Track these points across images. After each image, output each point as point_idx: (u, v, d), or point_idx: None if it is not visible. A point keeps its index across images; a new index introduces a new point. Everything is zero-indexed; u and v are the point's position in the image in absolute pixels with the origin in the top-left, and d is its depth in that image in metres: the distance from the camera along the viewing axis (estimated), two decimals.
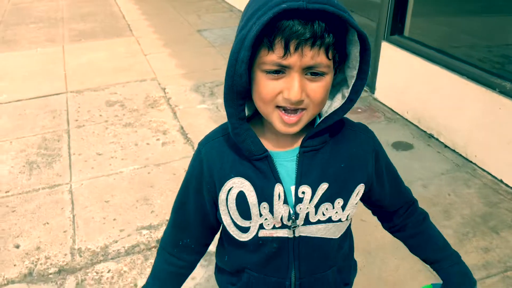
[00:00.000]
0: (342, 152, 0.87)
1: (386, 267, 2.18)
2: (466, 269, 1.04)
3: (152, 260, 2.24)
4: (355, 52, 0.79)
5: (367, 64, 0.80)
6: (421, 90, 3.25)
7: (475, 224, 2.43)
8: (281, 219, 0.87)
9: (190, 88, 3.91)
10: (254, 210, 0.87)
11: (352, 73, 0.82)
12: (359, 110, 3.64)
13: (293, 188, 0.86)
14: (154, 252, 2.31)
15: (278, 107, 0.78)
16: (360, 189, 0.89)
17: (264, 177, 0.85)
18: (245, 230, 0.90)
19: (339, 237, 0.93)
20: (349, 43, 0.79)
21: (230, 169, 0.87)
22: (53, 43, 5.23)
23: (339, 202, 0.87)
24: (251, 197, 0.86)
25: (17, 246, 2.37)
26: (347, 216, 0.90)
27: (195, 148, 0.95)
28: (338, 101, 0.85)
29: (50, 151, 3.17)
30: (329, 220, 0.88)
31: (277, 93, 0.77)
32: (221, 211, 0.90)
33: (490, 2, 3.00)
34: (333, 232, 0.91)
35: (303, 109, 0.79)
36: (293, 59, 0.73)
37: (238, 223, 0.89)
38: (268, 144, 0.87)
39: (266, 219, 0.87)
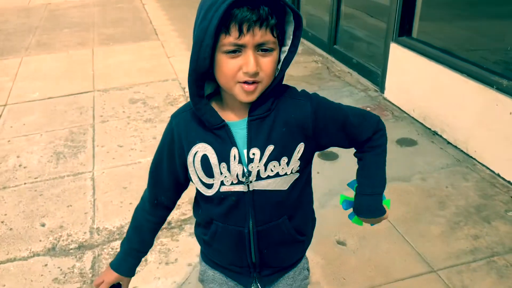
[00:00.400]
0: (283, 118, 1.04)
1: (378, 250, 2.32)
2: (376, 203, 1.16)
3: (162, 239, 2.46)
4: (289, 31, 0.97)
5: (298, 39, 0.98)
6: (426, 89, 3.36)
7: (468, 214, 2.53)
8: (237, 176, 1.05)
9: None
10: (215, 169, 1.05)
11: (284, 49, 1.00)
12: (369, 108, 3.77)
13: (245, 151, 1.04)
14: (164, 232, 2.51)
15: (238, 82, 0.97)
16: (300, 147, 1.06)
17: (223, 142, 1.04)
18: (209, 186, 1.08)
19: (288, 188, 1.09)
20: (287, 22, 0.97)
21: (195, 136, 1.06)
22: (84, 46, 5.56)
23: (284, 160, 1.05)
24: (213, 158, 1.05)
25: (43, 225, 2.62)
26: (291, 169, 1.06)
27: None
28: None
29: (76, 143, 3.44)
30: (277, 175, 1.06)
31: (237, 69, 0.94)
32: (190, 171, 1.09)
33: (490, 6, 3.11)
34: (281, 184, 1.08)
35: (258, 82, 0.97)
36: (246, 39, 0.91)
37: (204, 180, 1.08)
38: (225, 116, 1.05)
39: (225, 176, 1.05)
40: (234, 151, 1.04)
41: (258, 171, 1.04)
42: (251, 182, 1.06)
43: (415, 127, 3.46)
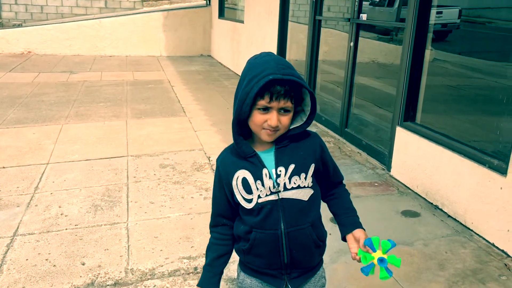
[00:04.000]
0: (301, 146, 1.49)
1: None
2: (356, 220, 1.56)
3: (189, 281, 2.75)
4: (307, 98, 1.46)
5: (315, 103, 1.46)
6: (428, 168, 3.77)
7: (465, 276, 2.82)
8: (269, 188, 1.45)
9: None
10: (253, 186, 1.46)
11: (307, 108, 1.47)
12: (376, 184, 4.16)
13: (273, 170, 1.46)
14: (192, 275, 2.81)
15: (264, 129, 1.42)
16: (312, 167, 1.48)
17: (255, 166, 1.46)
18: (249, 201, 1.48)
19: (308, 199, 1.49)
20: (304, 93, 1.45)
21: (236, 166, 1.49)
22: (118, 118, 6.14)
23: (302, 175, 1.47)
24: (250, 178, 1.46)
25: (83, 264, 2.93)
26: (308, 183, 1.48)
27: None
28: (297, 122, 1.48)
29: (112, 198, 3.82)
30: (298, 186, 1.47)
31: (264, 121, 1.40)
32: (235, 193, 1.51)
33: (492, 105, 3.62)
34: (302, 195, 1.48)
35: (277, 130, 1.43)
36: (274, 104, 1.37)
37: (245, 196, 1.48)
38: (255, 148, 1.49)
39: (261, 191, 1.46)
40: (265, 171, 1.45)
41: (285, 183, 1.46)
42: (280, 191, 1.45)
43: (419, 201, 3.81)
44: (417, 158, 3.92)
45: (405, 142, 4.09)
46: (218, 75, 9.73)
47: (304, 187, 1.47)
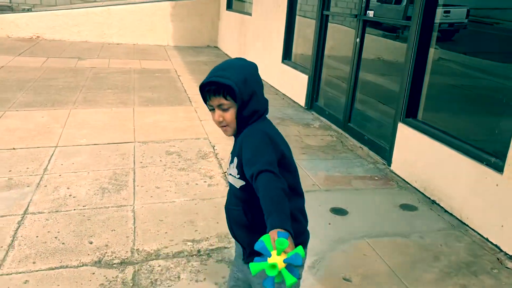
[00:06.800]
0: (241, 140, 1.59)
1: None
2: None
3: (193, 262, 2.87)
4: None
5: (241, 94, 1.57)
6: (427, 163, 3.87)
7: (458, 268, 2.92)
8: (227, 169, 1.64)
9: None
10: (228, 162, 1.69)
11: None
12: (376, 178, 4.26)
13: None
14: (195, 257, 2.93)
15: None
16: (235, 160, 1.60)
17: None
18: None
19: (239, 188, 1.61)
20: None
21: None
22: (125, 105, 6.24)
23: (232, 165, 1.62)
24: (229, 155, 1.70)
25: (91, 242, 3.05)
26: (236, 174, 1.60)
27: None
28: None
29: (119, 182, 3.93)
30: (231, 175, 1.64)
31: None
32: None
33: (494, 106, 3.70)
34: (235, 183, 1.62)
35: (226, 125, 1.59)
36: (212, 102, 1.56)
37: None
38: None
39: (227, 168, 1.69)
40: (231, 155, 1.67)
41: (228, 168, 1.67)
42: (227, 174, 1.64)
43: (417, 196, 3.92)
44: (417, 154, 4.01)
45: (406, 138, 4.18)
46: None
47: (235, 177, 1.61)
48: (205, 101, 1.58)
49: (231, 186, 1.68)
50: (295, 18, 7.28)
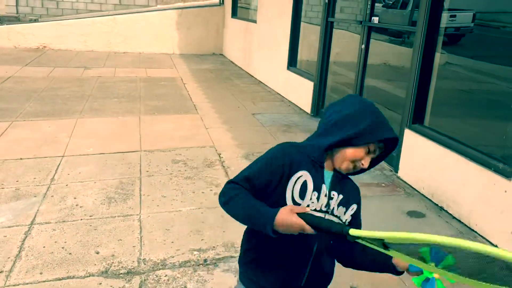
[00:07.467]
0: (347, 184, 1.52)
1: None
2: None
3: (199, 272, 2.86)
4: None
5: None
6: (435, 170, 3.84)
7: None
8: (321, 206, 1.45)
9: (241, 155, 4.69)
10: (308, 194, 1.44)
11: None
12: (383, 184, 4.23)
13: (327, 191, 1.48)
14: (202, 267, 2.92)
15: (352, 162, 1.45)
16: (354, 207, 1.52)
17: (318, 178, 1.47)
18: (297, 204, 1.44)
19: None
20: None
21: (301, 164, 1.46)
22: (132, 114, 6.27)
23: (343, 209, 1.49)
24: (310, 185, 1.44)
25: (97, 252, 3.05)
26: (346, 219, 1.49)
27: None
28: None
29: (125, 191, 3.94)
30: (338, 217, 1.48)
31: (359, 158, 1.44)
32: (287, 189, 1.44)
33: (501, 109, 3.68)
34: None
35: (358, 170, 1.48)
36: (371, 147, 1.43)
37: (296, 199, 1.43)
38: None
39: (313, 202, 1.44)
40: (324, 187, 1.45)
41: (333, 208, 1.47)
42: (328, 213, 1.46)
43: (424, 202, 3.89)
44: (424, 160, 3.99)
45: (413, 144, 4.16)
46: (229, 74, 9.84)
47: (342, 220, 1.49)
48: (363, 142, 1.41)
49: None
50: (300, 24, 7.30)
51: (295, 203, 1.41)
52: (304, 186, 1.42)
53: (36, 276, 2.76)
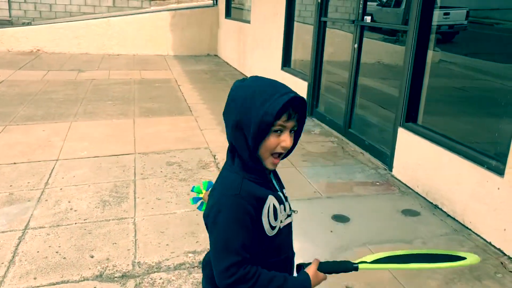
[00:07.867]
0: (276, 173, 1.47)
1: None
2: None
3: (194, 274, 2.85)
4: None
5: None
6: (429, 168, 3.85)
7: (462, 273, 2.90)
8: (286, 211, 1.42)
9: None
10: (279, 212, 1.38)
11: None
12: (377, 183, 4.24)
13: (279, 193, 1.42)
14: (197, 269, 2.91)
15: (272, 154, 1.31)
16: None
17: (274, 191, 1.40)
18: (274, 227, 1.37)
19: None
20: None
21: (264, 195, 1.36)
22: (126, 116, 6.25)
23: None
24: (276, 204, 1.38)
25: (92, 256, 3.04)
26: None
27: None
28: None
29: (120, 194, 3.93)
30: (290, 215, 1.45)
31: (277, 144, 1.29)
32: (263, 222, 1.35)
33: (495, 107, 3.69)
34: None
35: (281, 154, 1.35)
36: (289, 123, 1.28)
37: (272, 223, 1.36)
38: None
39: (282, 215, 1.39)
40: (280, 194, 1.40)
41: (289, 203, 1.43)
42: (293, 212, 1.43)
43: (419, 201, 3.89)
44: (418, 158, 3.99)
45: (407, 142, 4.17)
46: (224, 75, 9.83)
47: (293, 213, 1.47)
48: (273, 119, 1.24)
49: (291, 227, 1.44)
50: (294, 25, 7.30)
51: (272, 227, 1.35)
52: (274, 209, 1.35)
53: (30, 282, 2.74)
